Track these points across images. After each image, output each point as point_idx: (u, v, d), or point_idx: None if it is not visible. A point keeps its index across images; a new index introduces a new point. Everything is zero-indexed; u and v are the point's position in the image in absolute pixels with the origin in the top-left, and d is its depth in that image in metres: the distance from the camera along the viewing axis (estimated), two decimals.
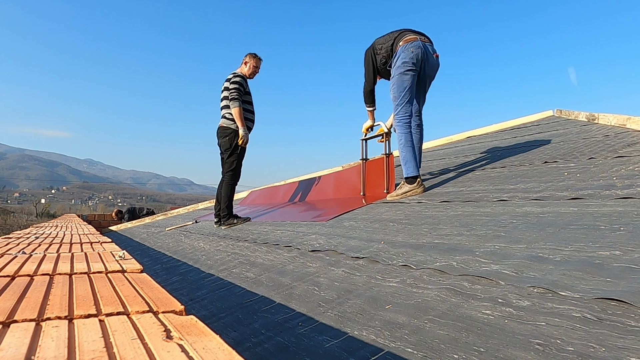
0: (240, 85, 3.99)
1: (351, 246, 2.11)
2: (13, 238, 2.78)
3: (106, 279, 1.21)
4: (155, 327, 0.72)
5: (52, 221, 7.86)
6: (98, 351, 0.61)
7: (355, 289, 1.54)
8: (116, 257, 1.66)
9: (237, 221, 4.17)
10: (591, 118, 4.40)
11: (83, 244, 2.31)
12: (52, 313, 0.82)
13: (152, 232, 5.60)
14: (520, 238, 1.59)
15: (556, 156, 3.08)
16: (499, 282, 1.26)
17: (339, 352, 1.11)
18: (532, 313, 1.05)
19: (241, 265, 2.36)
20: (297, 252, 2.30)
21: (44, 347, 0.63)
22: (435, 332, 1.09)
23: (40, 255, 1.76)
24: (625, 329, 0.89)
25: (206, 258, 2.84)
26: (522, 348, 0.92)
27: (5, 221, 28.34)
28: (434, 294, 1.31)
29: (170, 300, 0.94)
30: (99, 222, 8.76)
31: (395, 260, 1.71)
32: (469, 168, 3.66)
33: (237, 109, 3.92)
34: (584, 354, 0.84)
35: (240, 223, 4.17)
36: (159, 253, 3.66)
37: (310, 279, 1.79)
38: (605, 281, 1.10)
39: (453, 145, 5.87)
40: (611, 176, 2.16)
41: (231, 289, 1.96)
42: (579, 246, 1.37)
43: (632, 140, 2.93)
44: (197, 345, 0.62)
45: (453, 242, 1.77)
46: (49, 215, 36.55)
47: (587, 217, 1.64)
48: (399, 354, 1.02)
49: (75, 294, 1.00)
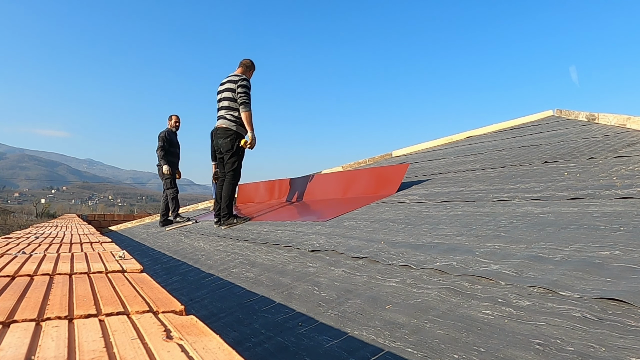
0: (249, 89, 4.05)
1: (351, 246, 2.10)
2: (13, 238, 2.78)
3: (106, 279, 1.21)
4: (155, 327, 0.72)
5: (52, 221, 7.86)
6: (98, 351, 0.61)
7: (356, 289, 1.54)
8: (116, 257, 1.66)
9: (237, 221, 4.17)
10: (591, 118, 4.40)
11: (83, 244, 2.30)
12: (52, 313, 0.82)
13: (152, 232, 5.60)
14: (520, 238, 1.59)
15: (556, 156, 3.08)
16: (499, 282, 1.26)
17: (339, 352, 1.11)
18: (532, 313, 1.05)
19: (241, 265, 2.36)
20: (297, 252, 2.30)
21: (44, 347, 0.63)
22: (435, 332, 1.09)
23: (40, 255, 1.76)
24: (625, 328, 0.89)
25: (206, 258, 2.84)
26: (522, 348, 0.92)
27: (5, 221, 28.34)
28: (434, 294, 1.31)
29: (170, 300, 0.94)
30: (99, 222, 8.76)
31: (395, 260, 1.71)
32: (469, 168, 3.67)
33: (248, 114, 3.98)
34: (584, 354, 0.84)
35: (240, 223, 4.17)
36: (159, 253, 3.66)
37: (310, 279, 1.79)
38: (605, 281, 1.10)
39: (453, 145, 5.87)
40: (611, 176, 2.16)
41: (231, 289, 1.96)
42: (579, 246, 1.37)
43: (632, 140, 2.93)
44: (197, 345, 0.62)
45: (453, 242, 1.77)
46: (49, 215, 36.55)
47: (587, 217, 1.64)
48: (399, 354, 1.02)
49: (75, 294, 1.00)
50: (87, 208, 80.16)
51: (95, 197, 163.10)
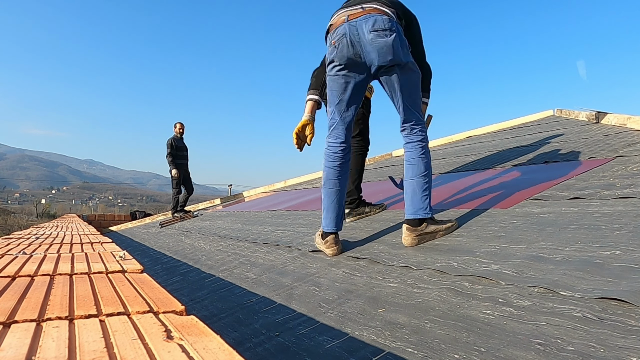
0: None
1: (351, 246, 2.11)
2: (13, 238, 2.78)
3: (106, 279, 1.21)
4: (155, 328, 0.72)
5: (53, 221, 7.86)
6: (99, 351, 0.61)
7: (356, 290, 1.54)
8: (116, 258, 1.66)
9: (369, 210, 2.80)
10: (591, 117, 4.40)
11: (83, 244, 2.31)
12: (52, 313, 0.82)
13: (152, 233, 5.60)
14: (521, 238, 1.59)
15: (556, 156, 3.08)
16: (499, 282, 1.26)
17: (340, 353, 1.11)
18: (532, 313, 1.05)
19: (242, 266, 2.36)
20: (297, 253, 2.30)
21: (45, 348, 0.63)
22: (435, 332, 1.09)
23: (40, 255, 1.76)
24: (626, 328, 0.89)
25: (207, 258, 2.84)
26: (522, 348, 0.92)
27: (6, 221, 28.35)
28: (434, 294, 1.31)
29: (170, 300, 0.94)
30: (100, 223, 8.76)
31: (395, 261, 1.71)
32: (469, 168, 3.66)
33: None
34: (585, 354, 0.84)
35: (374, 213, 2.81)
36: (159, 253, 3.66)
37: (310, 280, 1.79)
38: (606, 281, 1.10)
39: (453, 145, 5.87)
40: (611, 176, 2.16)
41: (232, 290, 1.96)
42: (579, 246, 1.37)
43: (632, 140, 2.93)
44: (197, 345, 0.62)
45: (453, 242, 1.77)
46: (50, 216, 36.56)
47: (588, 216, 1.64)
48: (399, 354, 1.02)
49: (75, 294, 1.00)
50: (87, 208, 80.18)
51: (96, 197, 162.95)
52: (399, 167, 5.48)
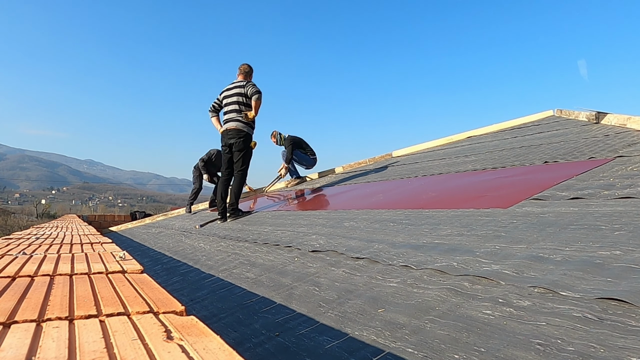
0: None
1: (351, 246, 2.10)
2: (13, 239, 2.78)
3: (106, 279, 1.21)
4: (155, 328, 0.72)
5: (53, 222, 7.86)
6: (99, 352, 0.61)
7: (356, 289, 1.54)
8: (116, 258, 1.66)
9: (242, 214, 4.60)
10: (591, 118, 4.40)
11: (83, 245, 2.30)
12: (52, 314, 0.82)
13: (152, 233, 5.60)
14: (521, 238, 1.59)
15: (556, 156, 3.08)
16: (499, 282, 1.26)
17: (340, 353, 1.11)
18: (532, 313, 1.05)
19: (241, 266, 2.36)
20: (297, 253, 2.30)
21: (45, 348, 0.63)
22: (435, 332, 1.09)
23: (40, 256, 1.76)
24: (625, 328, 0.89)
25: (206, 258, 2.84)
26: (522, 348, 0.92)
27: (6, 222, 28.35)
28: (434, 294, 1.31)
29: (170, 300, 0.94)
30: (100, 223, 8.76)
31: (395, 261, 1.71)
32: (470, 168, 3.66)
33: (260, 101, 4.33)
34: (585, 354, 0.84)
35: (244, 215, 4.58)
36: (159, 253, 3.66)
37: (310, 280, 1.79)
38: (606, 281, 1.10)
39: (453, 145, 5.87)
40: (611, 176, 2.16)
41: (231, 290, 1.96)
42: (579, 246, 1.37)
43: (632, 140, 2.93)
44: (197, 345, 0.62)
45: (453, 242, 1.77)
46: (50, 216, 36.56)
47: (588, 217, 1.64)
48: (399, 354, 1.02)
49: (75, 295, 1.00)
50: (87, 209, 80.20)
51: (96, 197, 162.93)
52: (399, 167, 5.48)
